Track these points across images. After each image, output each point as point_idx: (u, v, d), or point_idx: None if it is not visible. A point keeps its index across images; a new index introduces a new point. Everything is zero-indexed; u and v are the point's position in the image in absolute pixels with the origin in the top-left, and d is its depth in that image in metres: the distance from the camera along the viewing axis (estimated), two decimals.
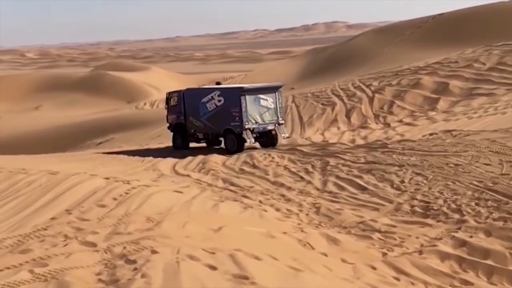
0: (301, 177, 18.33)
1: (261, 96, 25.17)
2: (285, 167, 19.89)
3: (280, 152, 22.45)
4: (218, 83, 30.43)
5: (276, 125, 25.37)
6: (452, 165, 16.57)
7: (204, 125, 26.03)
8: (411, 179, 16.11)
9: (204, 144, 26.93)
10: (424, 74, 34.55)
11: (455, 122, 25.92)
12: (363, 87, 34.84)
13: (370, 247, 11.54)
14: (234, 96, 24.90)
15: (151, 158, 23.88)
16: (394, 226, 12.85)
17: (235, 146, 24.53)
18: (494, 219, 12.39)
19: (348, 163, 19.02)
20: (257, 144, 25.25)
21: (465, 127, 22.97)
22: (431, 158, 17.69)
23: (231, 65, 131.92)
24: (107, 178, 15.38)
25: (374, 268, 10.05)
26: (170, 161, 22.85)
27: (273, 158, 21.48)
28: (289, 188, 17.11)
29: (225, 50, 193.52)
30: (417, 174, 16.42)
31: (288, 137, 26.26)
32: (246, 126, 24.44)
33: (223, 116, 25.06)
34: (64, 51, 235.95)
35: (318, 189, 16.77)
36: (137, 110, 63.83)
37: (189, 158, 23.04)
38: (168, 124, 28.18)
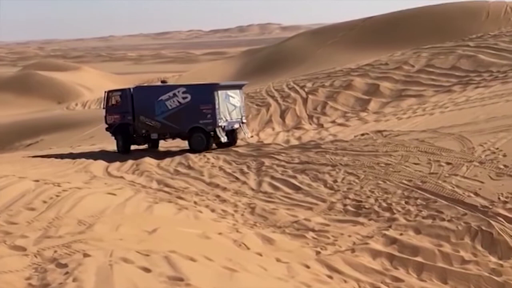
0: (236, 178, 18.39)
1: (230, 93, 24.44)
2: (220, 168, 19.92)
3: (215, 153, 22.46)
4: (163, 82, 28.62)
5: (241, 123, 24.93)
6: (383, 165, 16.99)
7: (162, 124, 24.72)
8: (343, 178, 16.42)
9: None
10: (355, 75, 35.23)
11: (385, 123, 26.54)
12: (297, 88, 35.24)
13: (304, 246, 11.69)
14: (206, 93, 23.98)
15: (83, 159, 23.40)
16: (328, 225, 13.06)
17: (204, 144, 23.58)
18: (423, 217, 12.77)
19: (283, 163, 19.22)
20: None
21: (395, 128, 23.56)
22: (363, 158, 18.08)
23: (165, 66, 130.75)
24: (37, 181, 14.99)
25: (308, 266, 10.18)
26: (103, 162, 22.47)
27: (208, 159, 21.48)
28: (224, 189, 17.14)
29: (159, 50, 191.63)
30: (349, 173, 16.74)
31: (251, 137, 25.87)
32: (220, 124, 23.69)
33: (189, 114, 24.01)
34: None
35: (253, 190, 16.87)
36: (68, 111, 62.43)
37: (123, 159, 22.73)
38: (106, 126, 26.45)
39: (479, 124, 20.83)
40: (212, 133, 23.75)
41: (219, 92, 23.92)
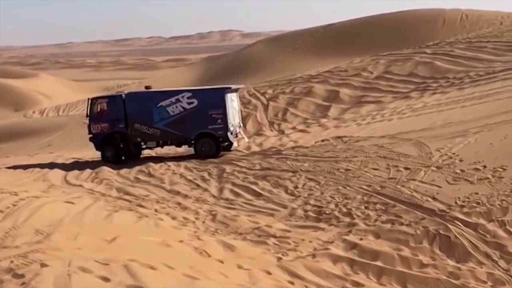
0: (198, 185, 18.33)
1: (232, 97, 23.99)
2: (181, 175, 19.82)
3: (176, 160, 22.34)
4: (147, 87, 26.37)
5: (239, 127, 24.58)
6: (343, 170, 17.14)
7: (162, 131, 23.55)
8: (304, 184, 16.51)
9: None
10: (316, 82, 35.46)
11: (345, 129, 26.77)
12: (258, 95, 35.30)
13: (266, 252, 11.70)
14: (215, 97, 23.31)
15: (40, 168, 22.99)
16: (289, 231, 13.12)
17: (214, 150, 22.90)
18: (382, 222, 12.92)
19: (244, 170, 19.24)
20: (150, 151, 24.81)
21: (355, 134, 23.80)
22: (323, 163, 18.22)
23: (125, 73, 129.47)
24: None
25: (269, 273, 10.19)
26: (61, 171, 22.12)
27: (169, 166, 21.35)
28: (185, 196, 17.06)
29: (119, 57, 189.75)
30: (310, 179, 16.85)
31: (248, 141, 25.56)
32: (230, 128, 23.22)
33: (195, 119, 23.18)
34: None
35: (214, 196, 16.84)
36: (26, 119, 61.26)
37: (82, 167, 22.43)
38: (90, 135, 24.45)
39: (436, 130, 21.20)
40: (220, 138, 23.22)
41: (228, 95, 23.50)
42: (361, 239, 12.09)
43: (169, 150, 25.27)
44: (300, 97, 33.51)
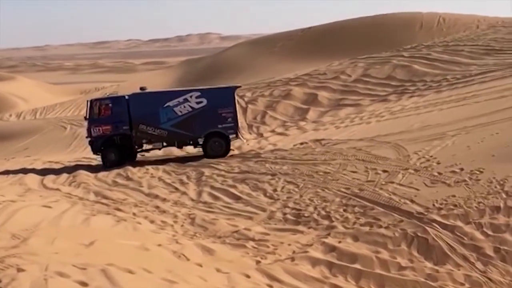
0: (176, 188, 18.25)
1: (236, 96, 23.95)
2: (160, 178, 19.73)
3: (155, 163, 22.24)
4: (142, 88, 25.37)
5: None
6: (322, 173, 17.20)
7: (169, 132, 23.07)
8: (283, 187, 16.53)
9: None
10: (294, 85, 35.55)
11: (324, 132, 26.87)
12: (237, 97, 35.26)
13: (244, 255, 11.69)
14: (225, 96, 23.13)
15: (17, 172, 22.74)
16: (268, 234, 13.12)
17: (224, 149, 22.83)
18: (361, 224, 12.98)
19: (223, 173, 19.21)
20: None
21: (333, 136, 23.91)
22: (302, 166, 18.26)
23: (103, 75, 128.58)
24: None
25: (248, 276, 10.19)
26: (38, 175, 21.90)
27: (147, 169, 21.24)
28: (163, 200, 16.98)
29: (97, 59, 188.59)
30: (289, 182, 16.87)
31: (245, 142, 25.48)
32: (239, 126, 23.05)
33: (205, 119, 22.90)
34: None
35: (193, 200, 16.79)
36: (2, 122, 60.55)
37: (59, 171, 22.22)
38: (90, 139, 23.45)
39: (414, 133, 21.37)
40: (231, 137, 23.14)
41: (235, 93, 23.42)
42: (339, 242, 12.13)
43: (150, 153, 25.10)
44: (279, 100, 33.57)
